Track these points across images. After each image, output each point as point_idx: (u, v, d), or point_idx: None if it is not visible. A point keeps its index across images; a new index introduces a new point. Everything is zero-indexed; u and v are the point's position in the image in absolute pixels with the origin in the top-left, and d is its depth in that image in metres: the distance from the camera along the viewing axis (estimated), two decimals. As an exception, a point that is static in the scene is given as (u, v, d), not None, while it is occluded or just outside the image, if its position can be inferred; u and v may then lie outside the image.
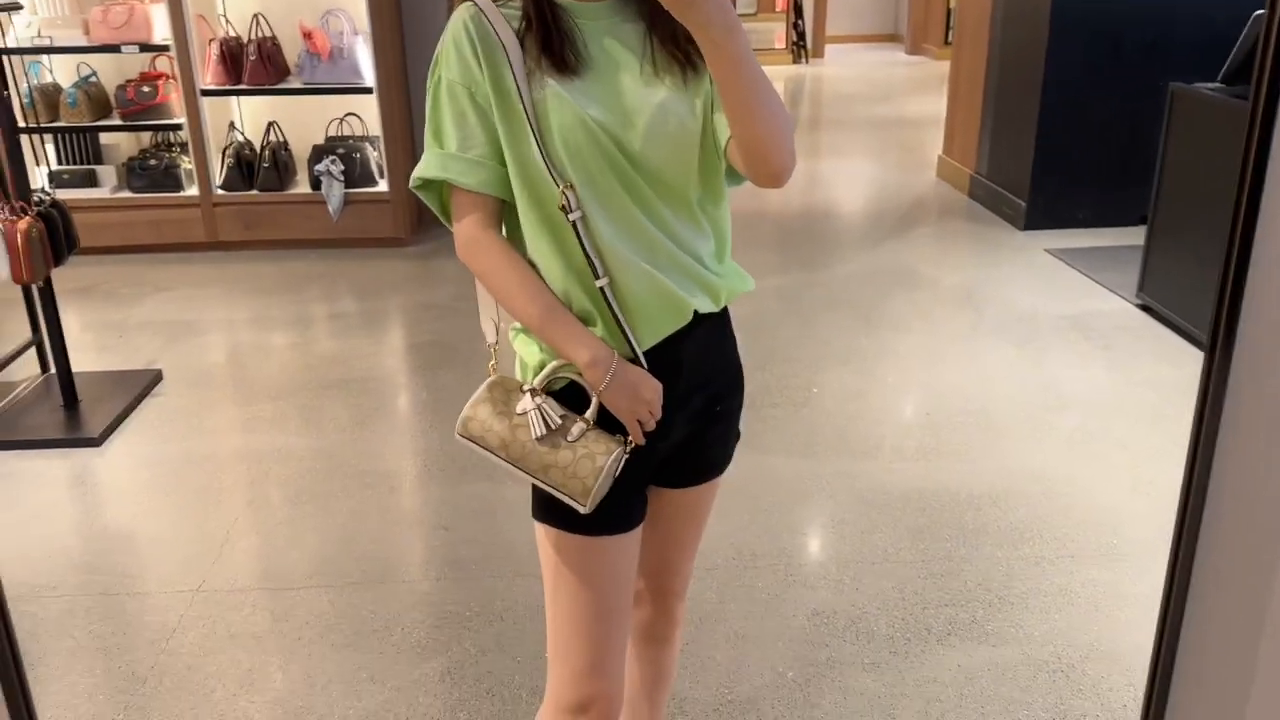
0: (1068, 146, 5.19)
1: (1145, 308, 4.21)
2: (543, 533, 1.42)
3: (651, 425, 1.34)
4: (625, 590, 1.44)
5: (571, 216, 1.27)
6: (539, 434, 1.31)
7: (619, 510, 1.38)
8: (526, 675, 2.24)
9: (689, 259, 1.36)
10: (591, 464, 1.30)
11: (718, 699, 2.17)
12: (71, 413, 3.43)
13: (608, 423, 1.35)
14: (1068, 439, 3.24)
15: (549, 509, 1.38)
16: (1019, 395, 3.53)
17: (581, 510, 1.32)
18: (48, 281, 3.38)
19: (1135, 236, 4.53)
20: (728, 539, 2.72)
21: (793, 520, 2.85)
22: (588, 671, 1.42)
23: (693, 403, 1.41)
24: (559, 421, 1.32)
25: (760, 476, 3.02)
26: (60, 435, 3.29)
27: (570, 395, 1.36)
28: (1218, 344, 0.79)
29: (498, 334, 1.43)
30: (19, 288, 3.58)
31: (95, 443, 3.27)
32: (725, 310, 1.43)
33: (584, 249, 1.29)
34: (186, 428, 3.46)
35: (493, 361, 1.43)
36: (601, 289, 1.30)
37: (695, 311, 1.36)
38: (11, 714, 0.81)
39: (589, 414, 1.34)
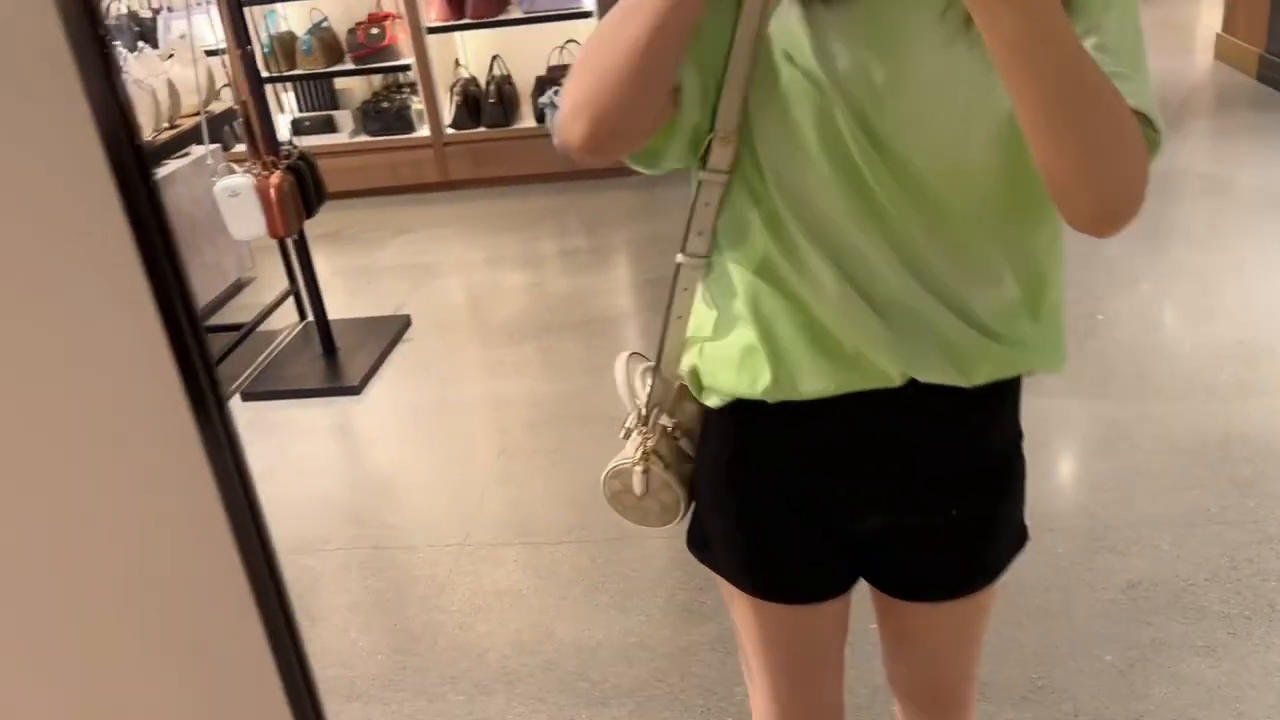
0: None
1: None
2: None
3: None
4: (811, 658, 1.20)
5: (702, 175, 0.94)
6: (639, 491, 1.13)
7: (801, 577, 1.12)
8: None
9: (942, 305, 0.93)
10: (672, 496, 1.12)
11: (1026, 684, 1.93)
12: (331, 361, 3.52)
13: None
14: None
15: (698, 542, 1.19)
16: (1354, 318, 3.01)
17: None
18: (301, 232, 3.46)
19: None
20: (1016, 494, 2.44)
21: (1092, 474, 2.53)
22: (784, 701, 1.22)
23: (904, 497, 1.05)
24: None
25: (1049, 423, 2.71)
26: (323, 384, 3.39)
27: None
28: None
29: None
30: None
31: (355, 391, 3.34)
32: (997, 387, 0.99)
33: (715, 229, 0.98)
34: (437, 374, 3.48)
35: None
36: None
37: (913, 380, 0.96)
38: (284, 676, 0.68)
39: (630, 418, 1.14)
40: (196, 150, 3.97)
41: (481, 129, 5.09)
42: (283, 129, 5.05)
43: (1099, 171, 0.83)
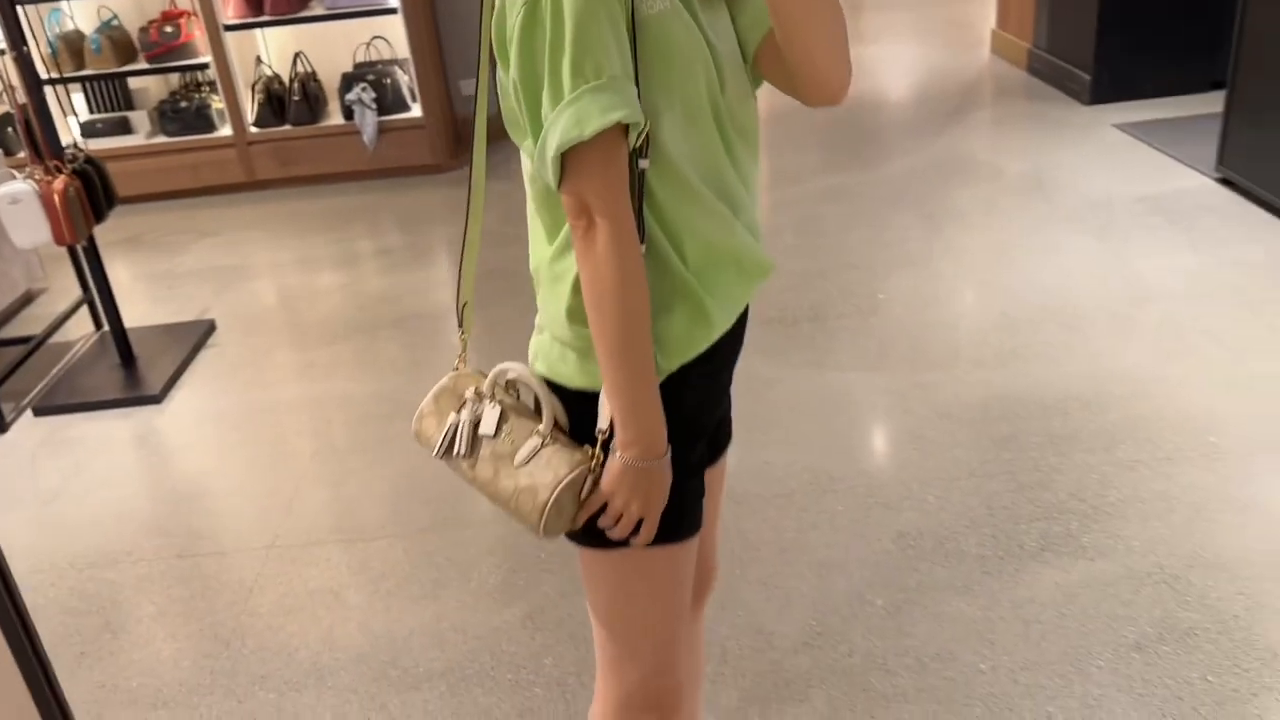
0: (1133, 9, 4.86)
1: (1226, 182, 3.96)
2: (603, 555, 1.22)
3: (628, 530, 1.14)
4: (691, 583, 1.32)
5: (642, 164, 1.05)
6: (437, 452, 1.16)
7: (695, 509, 1.23)
8: (609, 618, 2.19)
9: (751, 201, 1.19)
10: (532, 500, 1.12)
11: (806, 632, 2.10)
12: (130, 370, 3.41)
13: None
14: (1156, 333, 3.07)
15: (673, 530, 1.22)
16: (1100, 288, 3.35)
17: (539, 537, 1.16)
18: (91, 239, 3.33)
19: (1211, 104, 4.25)
20: (801, 463, 2.63)
21: (869, 438, 2.74)
22: (663, 670, 1.30)
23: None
24: (493, 431, 1.14)
25: (831, 395, 2.91)
26: (121, 394, 3.28)
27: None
28: None
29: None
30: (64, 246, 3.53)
31: (156, 400, 3.25)
32: None
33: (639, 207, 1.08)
34: (245, 378, 3.42)
35: (461, 354, 1.26)
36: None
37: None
38: (36, 700, 0.74)
39: (544, 426, 1.14)
40: (-28, 155, 3.75)
41: (287, 127, 4.98)
42: (72, 132, 4.81)
43: (842, 54, 1.09)
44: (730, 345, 1.21)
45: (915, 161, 4.64)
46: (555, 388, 1.18)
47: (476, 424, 1.16)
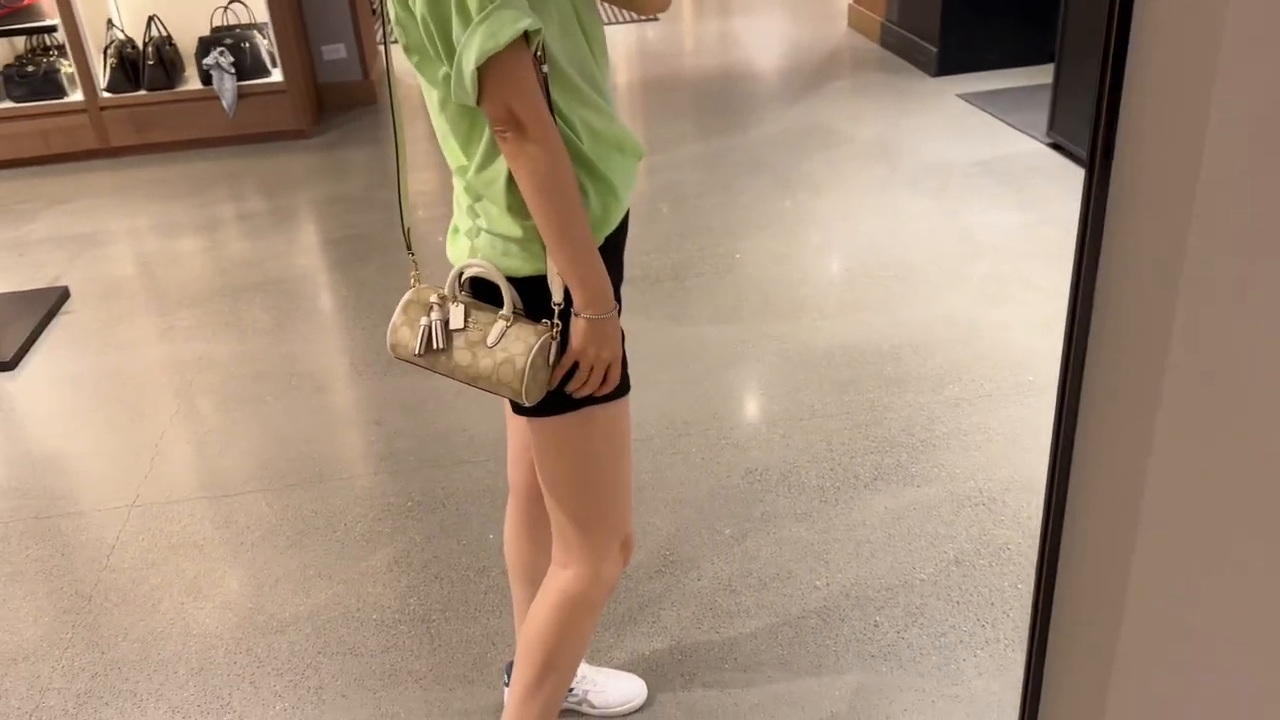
0: (976, -13, 5.15)
1: (1056, 146, 4.27)
2: (569, 420, 1.37)
3: (599, 381, 1.33)
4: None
5: (544, 69, 1.20)
6: (419, 350, 1.31)
7: (625, 370, 1.40)
8: (473, 556, 2.29)
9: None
10: (512, 368, 1.28)
11: (659, 561, 2.24)
12: (-23, 338, 3.31)
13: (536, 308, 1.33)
14: (982, 284, 3.32)
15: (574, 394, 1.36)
16: (935, 245, 3.59)
17: (524, 404, 1.31)
18: (-70, 203, 3.21)
19: (1046, 75, 4.55)
20: (659, 409, 2.76)
21: (722, 386, 2.90)
22: (626, 520, 1.50)
23: None
24: (462, 324, 1.30)
25: (688, 346, 3.05)
26: (-32, 362, 3.19)
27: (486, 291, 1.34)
28: (1095, 166, 0.81)
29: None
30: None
31: (8, 366, 3.17)
32: None
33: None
34: (101, 343, 3.37)
35: (414, 272, 1.40)
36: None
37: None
38: None
39: (506, 310, 1.31)
40: None
41: (142, 92, 4.85)
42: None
43: None
44: (624, 224, 1.40)
45: (774, 129, 4.83)
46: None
47: (446, 322, 1.31)
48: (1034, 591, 1.01)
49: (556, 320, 1.30)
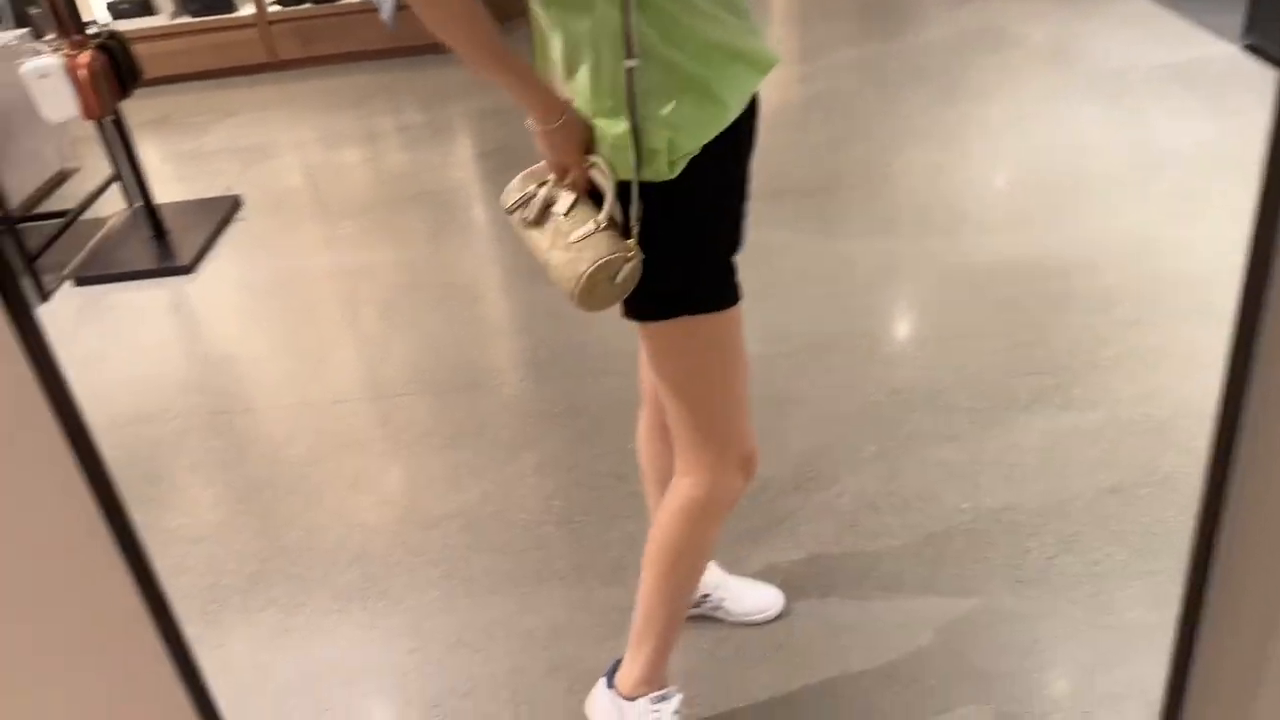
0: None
1: (1253, 49, 3.89)
2: (671, 327, 1.36)
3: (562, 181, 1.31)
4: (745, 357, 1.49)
5: None
6: (509, 208, 1.32)
7: (731, 283, 1.37)
8: (612, 463, 2.32)
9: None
10: (573, 270, 1.27)
11: (799, 476, 2.22)
12: (161, 243, 3.53)
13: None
14: (1163, 199, 3.09)
15: (691, 299, 1.34)
16: (1112, 156, 3.35)
17: (575, 305, 1.30)
18: (118, 115, 3.41)
19: (1245, -30, 4.14)
20: (804, 323, 2.71)
21: (872, 302, 2.82)
22: (740, 437, 1.48)
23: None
24: (564, 211, 1.28)
25: (838, 261, 2.97)
26: (154, 265, 3.41)
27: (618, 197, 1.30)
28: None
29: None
30: (94, 125, 3.63)
31: (187, 270, 3.38)
32: None
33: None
34: (272, 250, 3.54)
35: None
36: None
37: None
38: (118, 539, 0.87)
39: (602, 215, 1.27)
40: (2, 36, 3.82)
41: (308, 6, 4.99)
42: (99, 13, 4.86)
43: None
44: (742, 136, 1.33)
45: (939, 32, 4.58)
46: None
47: (551, 202, 1.31)
48: (1197, 520, 0.94)
49: (634, 243, 1.27)
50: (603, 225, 1.27)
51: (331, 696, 1.89)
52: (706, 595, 1.88)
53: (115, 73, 3.28)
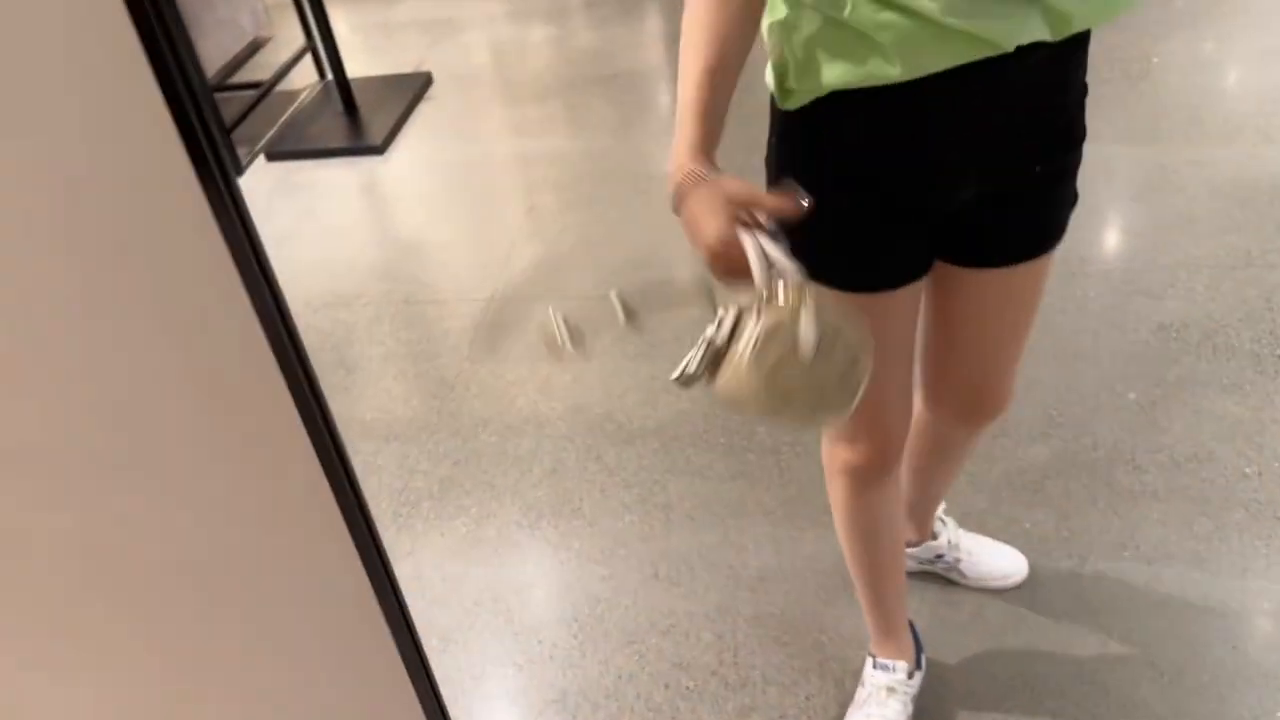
0: None
1: None
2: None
3: (721, 271, 0.93)
4: (897, 347, 1.21)
5: None
6: (698, 374, 0.91)
7: (889, 265, 1.13)
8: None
9: None
10: (749, 387, 0.88)
11: (1045, 421, 1.95)
12: (353, 119, 3.45)
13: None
14: None
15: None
16: None
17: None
18: (313, -16, 3.30)
19: None
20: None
21: (1132, 219, 2.46)
22: (854, 423, 1.25)
23: (998, 160, 1.07)
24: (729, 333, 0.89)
25: (1090, 170, 2.56)
26: (346, 144, 3.33)
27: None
28: None
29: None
30: (287, -7, 3.54)
31: (379, 150, 3.29)
32: (1077, 39, 1.00)
33: None
34: (460, 133, 3.41)
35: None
36: None
37: (1018, 45, 0.94)
38: (311, 435, 0.73)
39: (758, 280, 0.87)
40: (200, -102, 3.75)
41: None
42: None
43: None
44: (931, 110, 1.00)
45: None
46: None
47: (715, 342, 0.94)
48: None
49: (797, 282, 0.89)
50: (762, 299, 0.88)
51: (523, 620, 1.79)
52: (940, 555, 1.67)
53: (311, -62, 3.15)
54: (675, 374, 0.96)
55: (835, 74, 0.99)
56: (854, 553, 1.43)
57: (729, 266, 0.91)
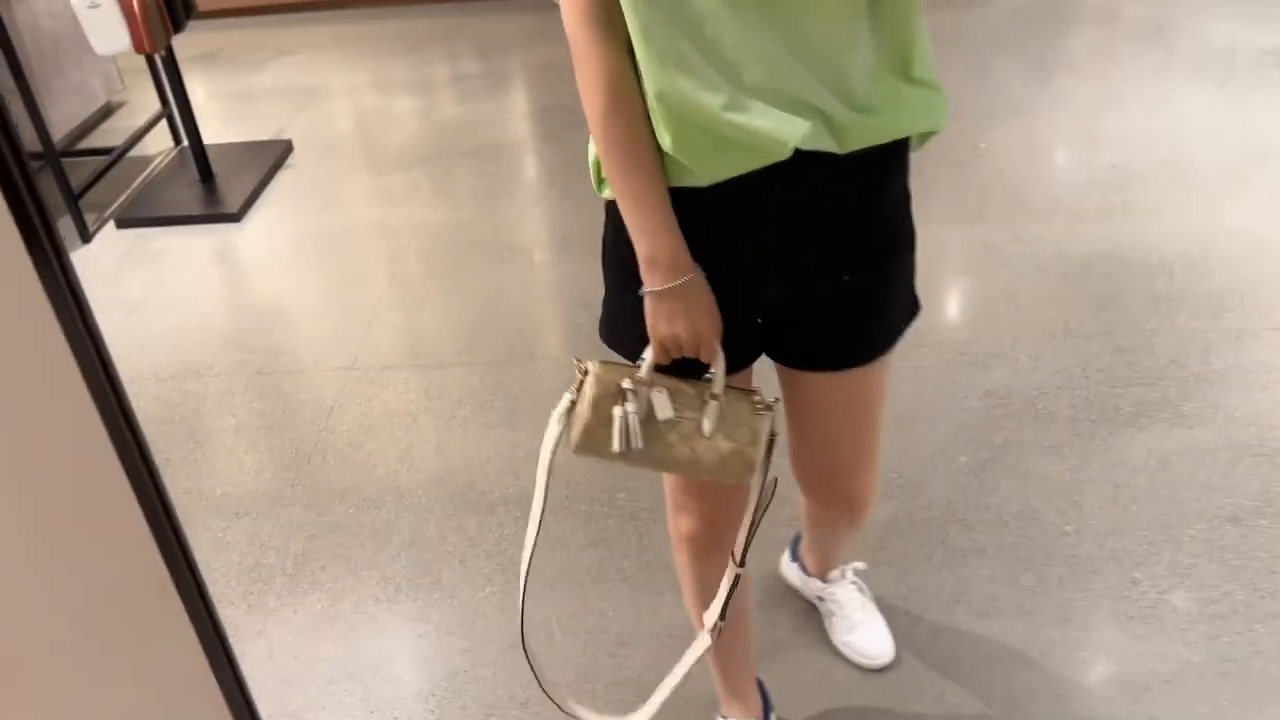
0: None
1: (1373, 36, 3.63)
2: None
3: (674, 356, 1.10)
4: None
5: None
6: (619, 448, 1.08)
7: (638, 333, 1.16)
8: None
9: (811, 74, 0.98)
10: (742, 460, 1.09)
11: (885, 484, 2.05)
12: (209, 187, 3.39)
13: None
14: (1272, 193, 2.87)
15: (622, 343, 1.18)
16: (1217, 144, 3.13)
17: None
18: (170, 50, 3.26)
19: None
20: (890, 312, 2.54)
21: (961, 293, 2.64)
22: (676, 500, 1.36)
23: (800, 265, 1.10)
24: (671, 414, 1.08)
25: (924, 247, 2.77)
26: (201, 211, 3.27)
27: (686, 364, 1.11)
28: None
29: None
30: (143, 59, 3.48)
31: (235, 218, 3.24)
32: (888, 149, 1.05)
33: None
34: (322, 200, 3.39)
35: (579, 366, 1.15)
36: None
37: (797, 150, 1.00)
38: (146, 511, 0.73)
39: (717, 387, 1.09)
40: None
41: (365, -57, 4.80)
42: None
43: None
44: (726, 214, 1.06)
45: (1028, 1, 4.32)
46: None
47: (648, 413, 1.10)
48: None
49: (763, 397, 1.12)
50: (722, 396, 1.10)
51: (379, 696, 1.77)
52: (822, 599, 1.76)
53: (169, 6, 3.12)
54: (615, 446, 1.11)
55: (679, 172, 1.05)
56: (696, 615, 1.47)
57: (677, 354, 1.09)
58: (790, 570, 1.84)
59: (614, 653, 1.80)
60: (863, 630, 1.72)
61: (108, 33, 3.02)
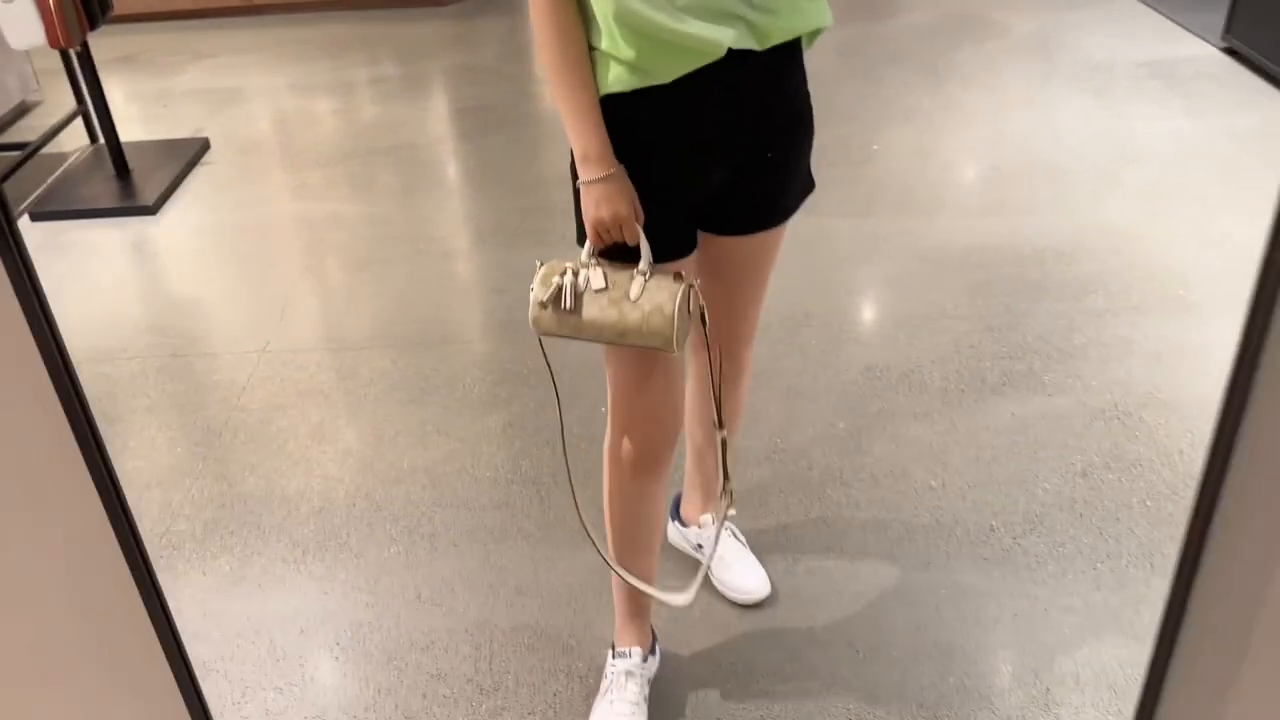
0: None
1: (1231, 51, 3.92)
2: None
3: (609, 242, 1.34)
4: None
5: None
6: (568, 305, 1.33)
7: (665, 245, 1.37)
8: (584, 426, 2.29)
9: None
10: (661, 315, 1.30)
11: (769, 447, 2.21)
12: (124, 182, 3.43)
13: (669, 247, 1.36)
14: (1140, 192, 3.11)
15: (580, 235, 1.38)
16: (1090, 148, 3.36)
17: (675, 353, 1.35)
18: (86, 49, 3.30)
19: (1228, -27, 4.17)
20: (781, 299, 2.69)
21: (849, 280, 2.81)
22: (626, 418, 1.51)
23: (735, 147, 1.36)
24: (603, 285, 1.32)
25: (817, 238, 2.96)
26: (116, 204, 3.31)
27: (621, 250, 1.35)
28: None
29: None
30: (59, 58, 3.51)
31: (150, 211, 3.29)
32: (789, 46, 1.32)
33: None
34: (238, 195, 3.45)
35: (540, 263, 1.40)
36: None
37: (730, 50, 1.26)
38: (91, 472, 0.85)
39: (643, 265, 1.34)
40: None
41: (285, -49, 4.87)
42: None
43: None
44: (695, 98, 1.29)
45: (925, 17, 4.57)
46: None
47: (582, 287, 1.34)
48: (1192, 510, 0.93)
49: (686, 276, 1.34)
50: (647, 273, 1.33)
51: (284, 646, 1.85)
52: (700, 546, 1.89)
53: (84, 2, 3.17)
54: (545, 300, 1.35)
55: (610, 80, 1.28)
56: (615, 530, 1.60)
57: (607, 236, 1.32)
58: (671, 530, 1.96)
59: (511, 603, 1.90)
60: (738, 569, 1.85)
61: (22, 27, 3.06)
